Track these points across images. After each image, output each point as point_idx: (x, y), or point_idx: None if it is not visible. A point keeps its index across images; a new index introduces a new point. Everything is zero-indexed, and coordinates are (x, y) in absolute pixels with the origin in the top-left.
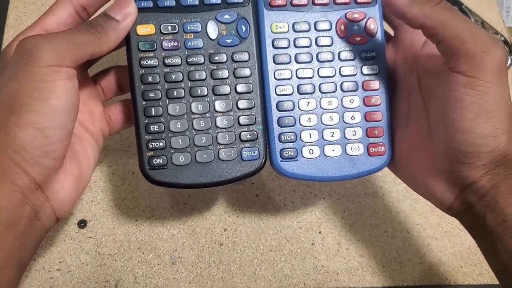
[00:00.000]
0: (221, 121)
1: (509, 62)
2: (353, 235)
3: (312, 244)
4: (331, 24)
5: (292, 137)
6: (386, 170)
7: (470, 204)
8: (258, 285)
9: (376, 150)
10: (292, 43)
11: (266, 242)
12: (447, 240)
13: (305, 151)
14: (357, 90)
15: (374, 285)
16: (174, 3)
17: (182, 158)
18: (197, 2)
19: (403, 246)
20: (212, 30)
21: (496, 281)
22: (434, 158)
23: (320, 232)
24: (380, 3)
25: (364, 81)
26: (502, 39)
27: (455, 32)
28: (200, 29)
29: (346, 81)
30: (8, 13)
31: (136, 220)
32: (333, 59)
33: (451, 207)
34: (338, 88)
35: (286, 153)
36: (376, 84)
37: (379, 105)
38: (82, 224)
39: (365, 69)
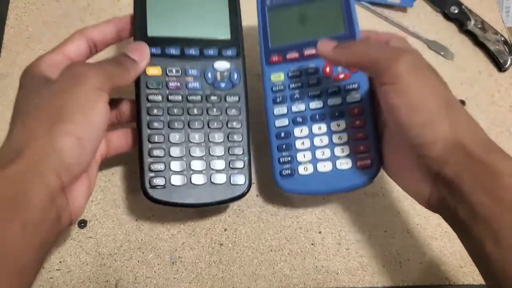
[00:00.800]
0: (214, 150)
1: (509, 62)
2: (353, 235)
3: (312, 244)
4: (318, 69)
5: (289, 159)
6: None
7: (443, 197)
8: (258, 285)
9: (363, 163)
10: (287, 87)
11: (266, 242)
12: (447, 240)
13: (301, 169)
14: (343, 116)
15: (374, 285)
16: (179, 52)
17: (179, 179)
18: (198, 53)
19: (403, 246)
20: (209, 75)
21: None
22: (409, 157)
23: (320, 232)
24: None
25: (349, 107)
26: (502, 39)
27: (366, 58)
28: (199, 74)
29: (333, 110)
30: (8, 13)
31: (136, 220)
32: (321, 95)
33: (429, 201)
34: (327, 116)
35: (284, 172)
36: (359, 109)
37: (363, 126)
38: (82, 224)
39: (349, 99)
